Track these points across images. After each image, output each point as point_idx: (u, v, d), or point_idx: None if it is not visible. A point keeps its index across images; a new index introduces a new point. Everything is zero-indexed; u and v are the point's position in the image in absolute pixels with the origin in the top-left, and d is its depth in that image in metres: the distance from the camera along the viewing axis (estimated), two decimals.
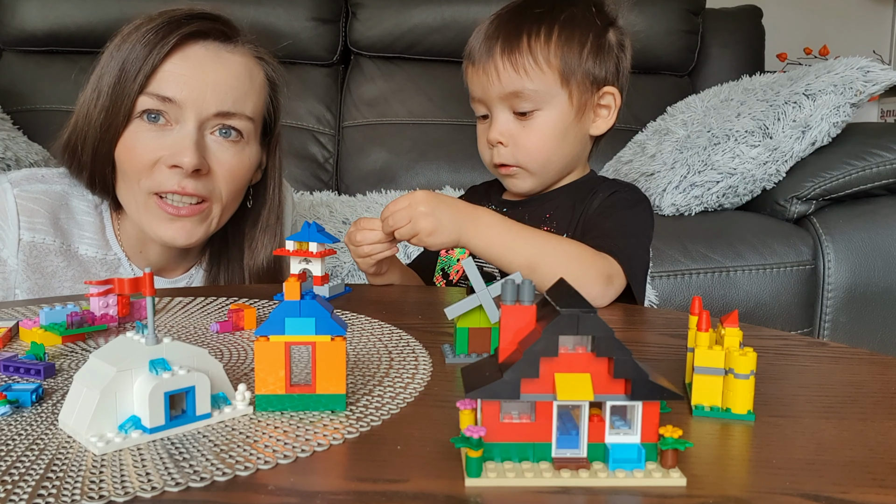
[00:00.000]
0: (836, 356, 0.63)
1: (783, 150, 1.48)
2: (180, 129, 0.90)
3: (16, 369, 0.55)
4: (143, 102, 0.89)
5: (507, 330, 0.41)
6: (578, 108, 0.94)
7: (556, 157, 0.96)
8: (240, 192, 0.98)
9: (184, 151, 0.88)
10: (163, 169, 0.90)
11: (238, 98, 0.92)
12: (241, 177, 0.96)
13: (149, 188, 0.91)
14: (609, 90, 0.96)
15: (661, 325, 0.75)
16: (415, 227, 0.79)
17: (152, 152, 0.89)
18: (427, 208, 0.79)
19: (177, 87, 0.89)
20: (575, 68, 0.93)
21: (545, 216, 0.97)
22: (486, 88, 0.95)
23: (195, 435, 0.44)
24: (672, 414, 0.48)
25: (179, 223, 0.93)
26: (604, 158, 1.92)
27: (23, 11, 1.94)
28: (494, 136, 0.95)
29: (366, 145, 2.03)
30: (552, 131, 0.94)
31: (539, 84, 0.92)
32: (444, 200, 0.81)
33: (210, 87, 0.90)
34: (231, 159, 0.93)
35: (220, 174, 0.93)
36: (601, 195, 0.95)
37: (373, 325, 0.71)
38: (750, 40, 2.20)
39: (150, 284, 0.45)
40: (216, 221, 0.96)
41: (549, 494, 0.37)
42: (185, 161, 0.88)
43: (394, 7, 2.05)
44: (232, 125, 0.93)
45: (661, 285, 1.35)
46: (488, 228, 0.81)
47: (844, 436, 0.45)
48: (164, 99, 0.89)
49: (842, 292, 1.45)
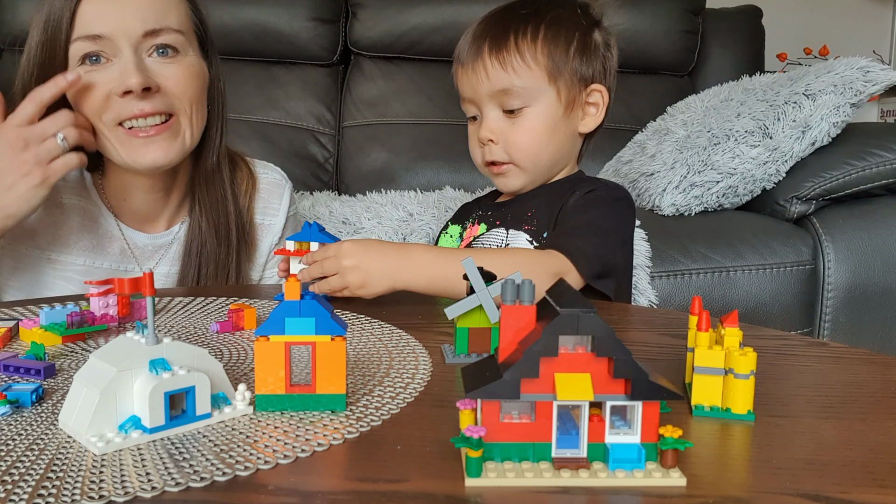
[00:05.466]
0: (836, 356, 0.63)
1: (783, 150, 1.48)
2: (119, 60, 0.93)
3: (16, 369, 0.55)
4: (78, 48, 0.92)
5: (507, 330, 0.41)
6: (567, 105, 0.96)
7: (545, 153, 0.97)
8: (200, 101, 1.00)
9: (127, 74, 0.91)
10: (116, 99, 0.93)
11: (159, 15, 0.95)
12: (191, 84, 0.98)
13: (111, 120, 0.94)
14: (597, 88, 0.98)
15: (661, 325, 0.75)
16: (344, 281, 0.76)
17: (102, 87, 0.92)
18: (352, 261, 0.76)
19: (101, 22, 0.92)
20: (562, 66, 0.95)
21: (527, 215, 0.98)
22: (475, 87, 0.97)
23: (195, 435, 0.44)
24: (672, 414, 0.48)
25: (154, 144, 0.95)
26: (604, 158, 1.92)
27: (23, 11, 1.94)
28: (485, 133, 0.97)
29: (366, 145, 2.03)
30: (541, 127, 0.96)
31: (527, 81, 0.94)
32: (372, 249, 0.78)
33: (129, 13, 0.93)
34: (175, 72, 0.96)
35: (170, 88, 0.96)
36: (578, 193, 0.95)
37: (373, 325, 0.71)
38: (750, 40, 2.20)
39: (150, 284, 0.45)
40: (189, 134, 0.99)
41: (549, 494, 0.37)
42: (132, 83, 0.91)
43: (394, 7, 2.04)
44: (163, 42, 0.95)
45: (661, 285, 1.35)
46: (423, 267, 0.79)
47: (844, 436, 0.45)
48: (94, 38, 0.92)
49: (842, 292, 1.45)
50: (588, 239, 0.87)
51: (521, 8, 0.99)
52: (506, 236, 0.99)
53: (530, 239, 0.96)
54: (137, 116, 0.93)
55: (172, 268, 1.05)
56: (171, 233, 1.07)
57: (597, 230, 0.89)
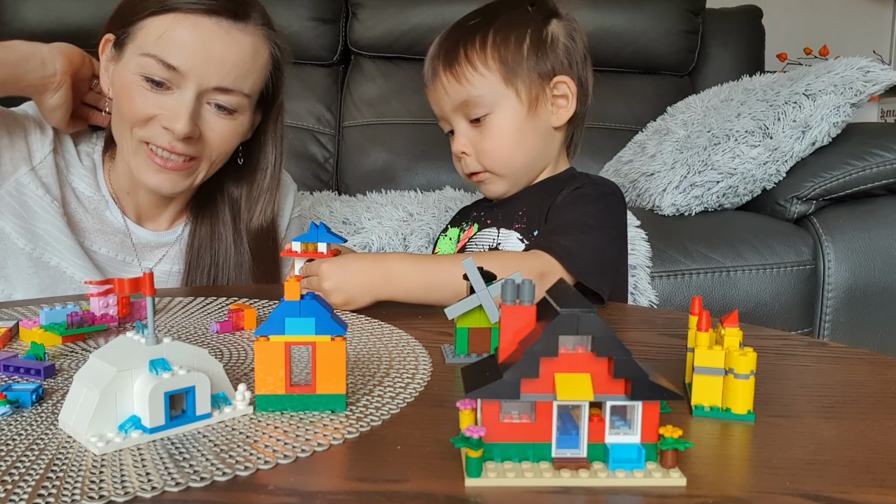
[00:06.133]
0: (836, 356, 0.63)
1: (783, 150, 1.48)
2: (179, 95, 0.92)
3: (16, 369, 0.55)
4: (147, 66, 0.91)
5: (507, 330, 0.41)
6: (530, 103, 0.96)
7: (518, 154, 0.98)
8: (229, 152, 1.01)
9: (178, 118, 0.91)
10: (156, 125, 0.93)
11: (239, 76, 0.95)
12: (230, 143, 1.00)
13: (140, 137, 0.94)
14: (561, 80, 0.97)
15: (661, 325, 0.75)
16: (328, 300, 0.77)
17: (149, 108, 0.92)
18: (331, 283, 0.77)
19: (183, 56, 0.91)
20: (516, 67, 0.96)
21: (517, 213, 0.99)
22: (440, 105, 1.01)
23: (195, 435, 0.44)
24: (672, 414, 0.48)
25: (165, 175, 0.96)
26: (604, 158, 1.92)
27: (23, 11, 1.94)
28: (457, 147, 1.00)
29: (366, 145, 2.03)
30: (507, 130, 0.97)
31: (483, 89, 0.96)
32: (349, 268, 0.78)
33: (214, 63, 0.92)
34: (223, 129, 0.97)
35: (210, 139, 0.96)
36: (566, 190, 0.95)
37: (373, 325, 0.71)
38: (750, 40, 2.20)
39: (150, 284, 0.45)
40: (202, 175, 1.00)
41: (549, 494, 0.37)
42: (177, 128, 0.91)
43: (394, 7, 2.04)
44: (226, 102, 0.95)
45: (661, 285, 1.35)
46: (402, 279, 0.79)
47: (844, 436, 0.45)
48: (169, 67, 0.91)
49: (842, 292, 1.45)
50: (573, 236, 0.86)
51: (472, 19, 1.01)
52: (497, 236, 0.99)
53: (521, 237, 0.96)
54: (166, 149, 0.94)
55: (174, 266, 1.05)
56: (174, 232, 1.07)
57: (583, 227, 0.88)
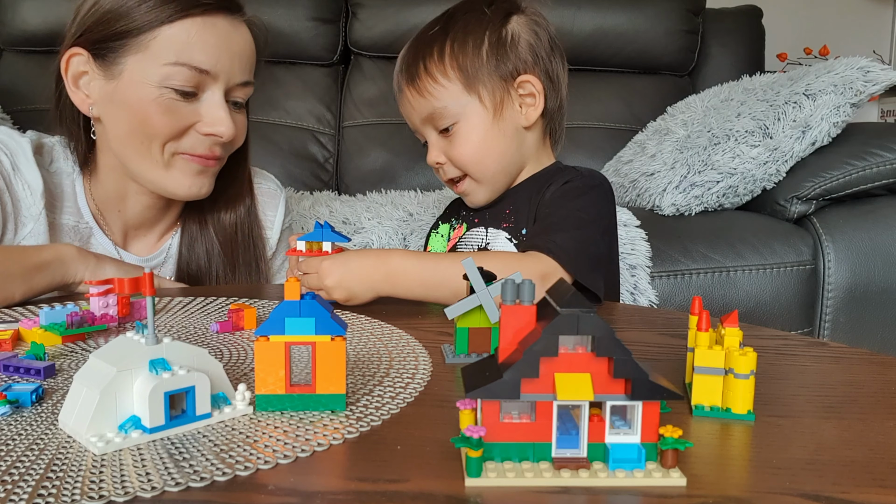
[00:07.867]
0: (836, 356, 0.63)
1: (783, 150, 1.48)
2: (209, 98, 0.91)
3: (16, 369, 0.55)
4: (176, 74, 0.88)
5: (507, 330, 0.41)
6: (495, 107, 0.96)
7: (489, 159, 0.97)
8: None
9: (220, 122, 0.91)
10: (194, 133, 0.92)
11: (250, 68, 0.96)
12: (244, 135, 1.01)
13: (176, 149, 0.93)
14: (525, 79, 0.96)
15: (661, 325, 0.75)
16: (330, 296, 0.78)
17: (186, 119, 0.91)
18: (332, 280, 0.77)
19: (211, 57, 0.90)
20: (476, 72, 0.95)
21: (505, 212, 0.99)
22: (410, 118, 1.02)
23: (195, 435, 0.44)
24: (672, 414, 0.48)
25: (201, 177, 0.96)
26: (604, 158, 1.92)
27: (23, 11, 1.94)
28: (431, 159, 1.00)
29: (366, 145, 2.03)
30: (475, 137, 0.96)
31: (445, 100, 0.96)
32: (350, 265, 0.78)
33: (237, 58, 0.92)
34: (241, 123, 0.98)
35: (235, 138, 0.97)
36: (554, 186, 0.94)
37: (373, 325, 0.71)
38: (750, 40, 2.20)
39: (150, 284, 0.45)
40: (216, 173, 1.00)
41: (549, 494, 0.37)
42: (223, 131, 0.91)
43: (394, 7, 2.04)
44: (244, 95, 0.96)
45: (661, 285, 1.35)
46: (402, 276, 0.79)
47: (844, 436, 0.45)
48: (201, 71, 0.89)
49: (842, 292, 1.45)
50: (568, 233, 0.85)
51: (430, 29, 1.00)
52: (485, 235, 0.99)
53: (509, 237, 0.96)
54: (205, 156, 0.93)
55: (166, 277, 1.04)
56: (161, 252, 1.05)
57: (577, 222, 0.87)
